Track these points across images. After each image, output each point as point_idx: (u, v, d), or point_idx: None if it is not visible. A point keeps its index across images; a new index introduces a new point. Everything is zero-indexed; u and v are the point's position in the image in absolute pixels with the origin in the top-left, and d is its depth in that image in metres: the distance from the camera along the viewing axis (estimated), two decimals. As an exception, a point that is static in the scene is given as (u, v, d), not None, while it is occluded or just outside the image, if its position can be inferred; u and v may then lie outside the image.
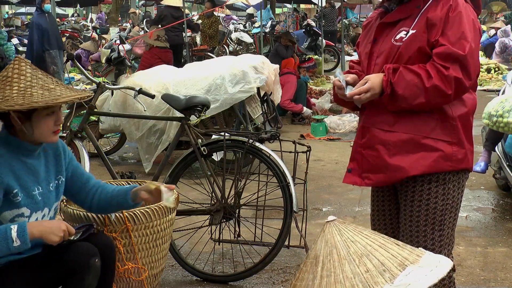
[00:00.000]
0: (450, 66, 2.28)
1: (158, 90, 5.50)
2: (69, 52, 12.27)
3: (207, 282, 3.71)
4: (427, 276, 2.04)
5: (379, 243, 2.17)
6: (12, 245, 2.24)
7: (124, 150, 7.24)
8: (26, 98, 2.29)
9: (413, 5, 2.43)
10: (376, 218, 2.70)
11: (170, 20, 11.23)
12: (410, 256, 2.13)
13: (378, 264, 2.08)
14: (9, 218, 2.38)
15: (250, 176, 3.81)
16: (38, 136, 2.42)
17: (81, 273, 2.41)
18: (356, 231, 2.21)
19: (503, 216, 4.82)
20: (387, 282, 2.04)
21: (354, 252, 2.12)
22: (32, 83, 2.34)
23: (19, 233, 2.25)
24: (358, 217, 4.83)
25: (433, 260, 2.14)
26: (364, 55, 2.56)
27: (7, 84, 2.34)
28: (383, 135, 2.41)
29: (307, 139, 7.82)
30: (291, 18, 18.34)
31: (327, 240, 2.19)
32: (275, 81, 6.41)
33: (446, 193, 2.44)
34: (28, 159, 2.45)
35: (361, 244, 2.15)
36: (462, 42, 2.30)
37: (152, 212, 3.00)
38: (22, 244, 2.26)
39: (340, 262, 2.12)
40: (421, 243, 2.46)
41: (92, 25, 23.55)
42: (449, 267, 2.12)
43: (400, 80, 2.31)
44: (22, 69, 2.37)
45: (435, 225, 2.45)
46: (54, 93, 2.35)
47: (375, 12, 2.65)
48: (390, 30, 2.46)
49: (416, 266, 2.08)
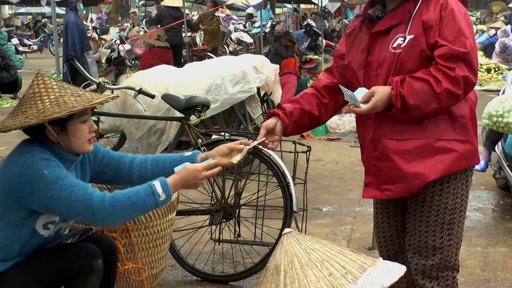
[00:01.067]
0: (455, 66, 2.27)
1: (158, 90, 5.49)
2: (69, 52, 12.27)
3: (207, 282, 3.71)
4: (387, 276, 2.16)
5: (338, 250, 2.29)
6: (159, 199, 2.31)
7: (124, 150, 7.23)
8: (62, 106, 2.28)
9: (403, 10, 2.40)
10: (380, 221, 2.68)
11: (169, 21, 11.23)
12: (367, 261, 2.25)
13: (340, 267, 2.18)
14: (41, 223, 2.39)
15: (250, 176, 3.81)
16: (75, 146, 2.40)
17: (85, 274, 2.42)
18: (314, 240, 2.32)
19: (503, 216, 4.82)
20: (351, 282, 2.14)
21: (315, 259, 2.21)
22: (62, 93, 2.34)
23: (163, 187, 2.32)
24: (358, 217, 4.83)
25: (388, 265, 2.27)
26: (357, 66, 2.49)
27: (37, 99, 2.32)
28: (397, 145, 2.38)
29: (307, 139, 7.82)
30: (291, 18, 18.34)
31: (286, 250, 2.29)
32: (275, 81, 6.41)
33: (456, 192, 2.43)
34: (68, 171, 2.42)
35: (321, 251, 2.24)
36: (462, 39, 2.29)
37: (152, 212, 3.00)
38: (167, 198, 2.33)
39: (303, 269, 2.20)
40: (429, 243, 2.45)
41: (92, 25, 23.56)
42: (402, 271, 2.25)
43: (409, 90, 2.28)
44: (47, 83, 2.36)
45: (444, 224, 2.44)
46: (85, 98, 2.34)
47: (357, 20, 2.59)
48: (385, 38, 2.42)
49: (375, 268, 2.20)
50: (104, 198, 2.27)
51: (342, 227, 4.60)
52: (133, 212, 2.33)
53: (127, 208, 2.28)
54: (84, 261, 2.42)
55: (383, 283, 2.10)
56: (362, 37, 2.51)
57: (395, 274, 2.17)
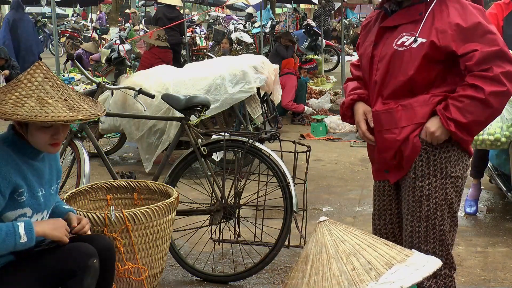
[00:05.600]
0: (490, 66, 2.27)
1: (158, 90, 5.50)
2: (69, 52, 12.28)
3: (207, 282, 3.71)
4: (412, 275, 2.09)
5: (368, 242, 2.22)
6: (19, 241, 2.28)
7: (124, 150, 7.24)
8: (16, 107, 2.24)
9: (414, 11, 2.42)
10: (377, 218, 2.70)
11: (164, 21, 11.12)
12: (398, 255, 2.18)
13: (365, 262, 2.13)
14: (12, 218, 2.38)
15: (250, 176, 3.81)
16: (34, 145, 2.41)
17: (80, 273, 2.41)
18: (347, 231, 2.26)
19: (503, 216, 4.82)
20: (372, 280, 2.09)
21: (342, 251, 2.18)
22: (33, 93, 2.29)
23: (27, 229, 2.30)
24: (358, 217, 4.83)
25: (421, 260, 2.19)
26: (365, 58, 2.55)
27: (13, 88, 2.31)
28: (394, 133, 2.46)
29: (307, 139, 7.82)
30: (291, 18, 18.34)
31: (318, 239, 2.25)
32: (275, 81, 6.41)
33: (445, 188, 2.45)
34: (33, 161, 2.45)
35: (350, 243, 2.20)
36: (489, 37, 2.29)
37: (152, 212, 3.00)
38: (29, 241, 2.31)
39: (328, 261, 2.17)
40: (422, 238, 2.47)
41: (92, 25, 23.56)
42: (437, 266, 2.17)
43: (456, 111, 2.31)
44: (34, 76, 2.33)
45: (436, 220, 2.46)
46: (43, 110, 2.26)
47: (374, 12, 2.65)
48: (391, 34, 2.45)
49: (403, 265, 2.13)
50: None
51: (342, 227, 4.59)
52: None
53: None
54: (79, 261, 2.42)
55: (404, 284, 2.05)
56: (374, 30, 2.56)
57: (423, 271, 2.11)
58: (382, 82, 2.46)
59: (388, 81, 2.44)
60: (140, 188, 3.44)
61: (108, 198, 3.41)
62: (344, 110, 2.65)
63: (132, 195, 3.45)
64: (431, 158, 2.43)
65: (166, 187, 3.37)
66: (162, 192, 3.37)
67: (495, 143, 4.23)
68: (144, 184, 3.44)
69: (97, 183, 3.43)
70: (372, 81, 2.52)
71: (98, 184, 3.41)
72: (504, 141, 4.21)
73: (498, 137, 4.20)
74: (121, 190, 3.45)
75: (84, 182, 3.94)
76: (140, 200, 3.44)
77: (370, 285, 2.06)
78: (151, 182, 3.46)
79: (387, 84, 2.45)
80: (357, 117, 2.58)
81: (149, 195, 3.44)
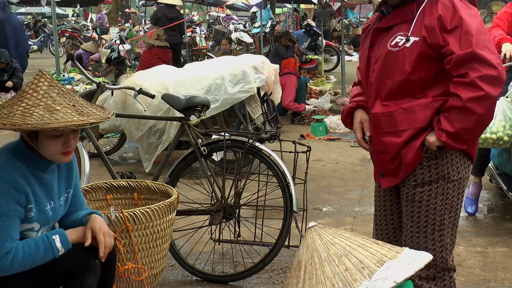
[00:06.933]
0: (467, 71, 2.26)
1: (158, 90, 5.50)
2: (69, 52, 12.26)
3: (207, 282, 3.71)
4: (404, 270, 2.12)
5: (359, 243, 2.26)
6: (57, 254, 2.37)
7: (124, 150, 7.24)
8: (25, 118, 2.22)
9: (407, 11, 2.43)
10: (378, 219, 2.70)
11: (164, 21, 11.11)
12: (389, 253, 2.21)
13: (357, 262, 2.17)
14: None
15: (250, 176, 3.81)
16: (46, 155, 2.37)
17: (82, 273, 2.42)
18: (336, 234, 2.31)
19: (503, 216, 4.82)
20: (366, 278, 2.12)
21: (334, 253, 2.21)
22: (40, 102, 2.27)
23: (63, 241, 2.39)
24: (358, 217, 4.83)
25: (412, 255, 2.22)
26: (362, 60, 2.59)
27: (19, 99, 2.29)
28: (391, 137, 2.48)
29: (307, 139, 7.82)
30: (291, 18, 18.34)
31: (308, 245, 2.29)
32: (275, 81, 6.41)
33: (446, 193, 2.44)
34: (43, 174, 2.42)
35: (340, 245, 2.24)
36: (467, 39, 2.27)
37: (152, 212, 3.00)
38: (66, 251, 2.40)
39: (321, 264, 2.21)
40: (421, 244, 2.47)
41: (92, 25, 23.55)
42: (427, 259, 2.20)
43: (445, 121, 2.32)
44: (38, 85, 2.31)
45: (435, 225, 2.46)
46: (53, 116, 2.24)
47: (375, 15, 2.66)
48: (385, 35, 2.47)
49: (394, 261, 2.17)
50: (7, 256, 2.27)
51: (342, 227, 4.59)
52: (31, 266, 2.35)
53: (25, 266, 2.33)
54: (81, 261, 2.42)
55: (397, 278, 2.07)
56: (371, 32, 2.58)
57: (415, 265, 2.13)
58: (378, 83, 2.47)
59: (385, 82, 2.44)
60: (140, 188, 3.44)
61: (108, 198, 3.41)
62: (344, 117, 2.73)
63: (132, 195, 3.45)
64: (432, 165, 2.43)
65: (166, 187, 3.37)
66: (162, 192, 3.37)
67: (498, 141, 4.25)
68: (144, 184, 3.44)
69: (97, 183, 3.43)
70: (369, 82, 2.53)
71: (98, 184, 3.41)
72: (507, 140, 4.23)
73: (500, 135, 4.22)
74: (121, 190, 3.45)
75: (84, 182, 3.94)
76: (140, 200, 3.44)
77: (364, 283, 2.09)
78: (151, 182, 3.46)
79: (384, 84, 2.45)
80: (354, 125, 2.66)
81: (149, 195, 3.44)
